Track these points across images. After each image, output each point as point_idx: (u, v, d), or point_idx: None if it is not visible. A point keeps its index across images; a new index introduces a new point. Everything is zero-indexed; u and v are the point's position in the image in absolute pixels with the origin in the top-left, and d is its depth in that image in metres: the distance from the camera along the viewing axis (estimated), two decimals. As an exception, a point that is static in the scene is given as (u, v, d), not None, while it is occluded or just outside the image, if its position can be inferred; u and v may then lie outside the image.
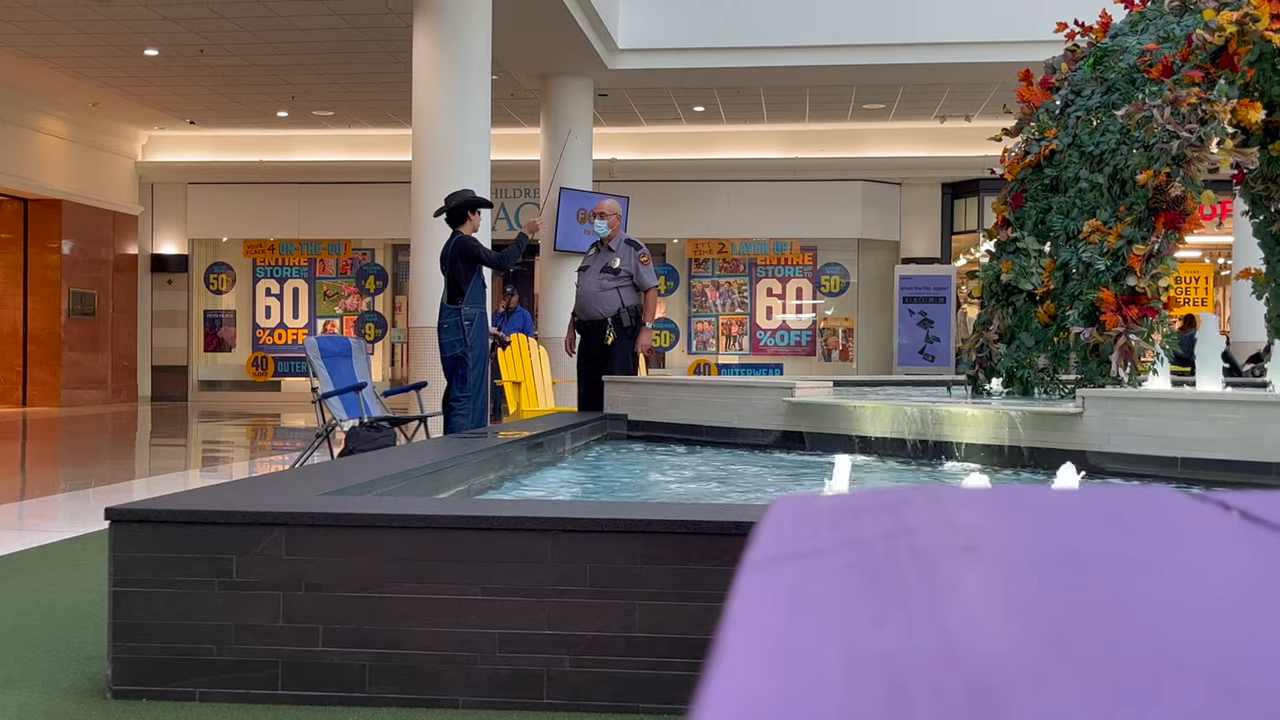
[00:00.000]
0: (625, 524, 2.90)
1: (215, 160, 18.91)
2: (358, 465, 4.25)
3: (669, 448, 6.79)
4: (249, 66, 14.60)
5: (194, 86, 15.62)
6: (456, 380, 7.82)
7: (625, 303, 7.84)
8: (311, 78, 15.16)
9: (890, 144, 17.97)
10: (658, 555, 2.88)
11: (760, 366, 18.75)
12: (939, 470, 5.42)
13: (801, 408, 6.30)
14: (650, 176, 18.14)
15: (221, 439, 12.60)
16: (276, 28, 13.00)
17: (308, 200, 19.06)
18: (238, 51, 13.94)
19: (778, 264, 19.00)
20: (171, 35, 13.30)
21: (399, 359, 19.81)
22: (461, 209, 7.94)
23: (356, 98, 16.16)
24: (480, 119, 9.81)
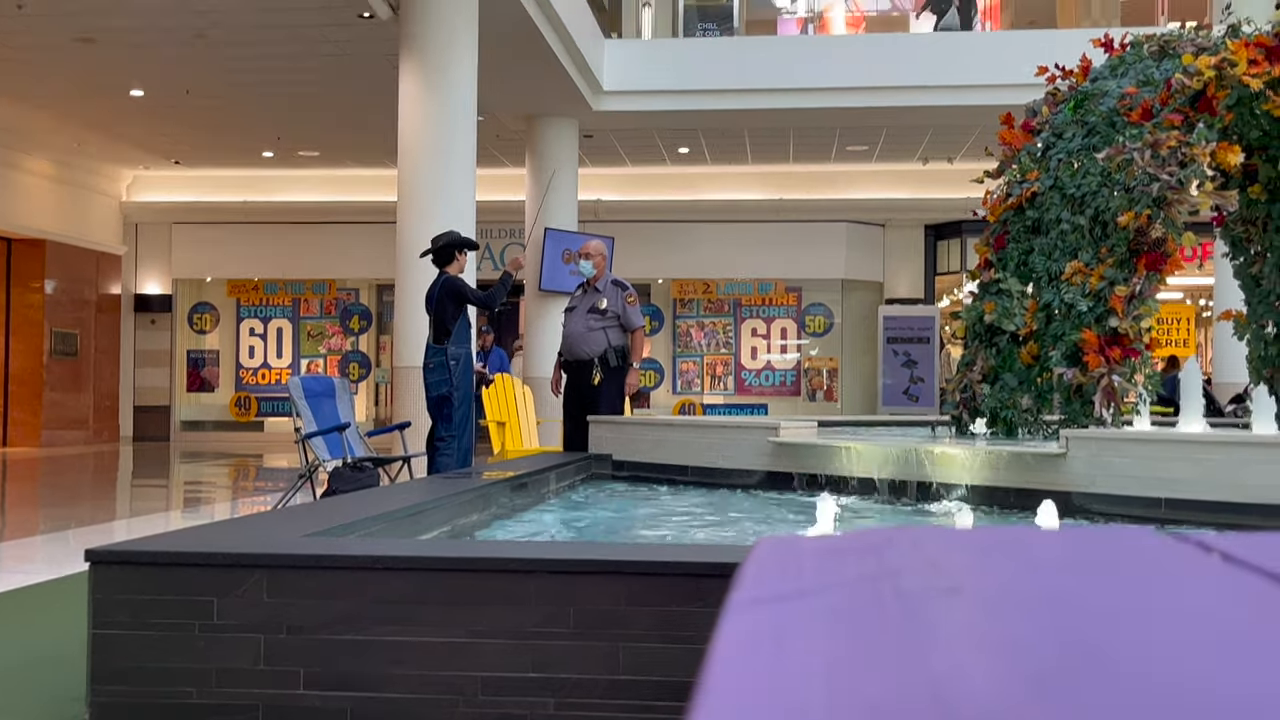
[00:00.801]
0: (609, 565, 2.90)
1: (200, 200, 18.92)
2: (341, 506, 4.22)
3: (654, 488, 6.77)
4: (234, 107, 14.64)
5: (179, 126, 15.66)
6: (441, 420, 7.80)
7: (612, 343, 7.85)
8: (297, 118, 15.21)
9: (874, 185, 18.09)
10: (642, 597, 2.87)
11: (745, 407, 18.76)
12: (923, 511, 5.42)
13: (786, 448, 6.30)
14: (635, 217, 18.22)
15: (204, 480, 12.53)
16: (262, 68, 13.05)
17: (292, 240, 19.06)
18: (223, 92, 13.98)
19: (762, 304, 19.06)
20: (157, 76, 13.34)
21: (383, 399, 19.76)
22: (448, 249, 7.96)
23: (342, 138, 16.21)
24: (465, 159, 9.85)
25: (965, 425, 6.96)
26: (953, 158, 16.96)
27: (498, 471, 6.01)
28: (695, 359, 19.19)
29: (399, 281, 9.90)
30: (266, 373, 19.65)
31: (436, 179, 9.73)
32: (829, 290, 18.98)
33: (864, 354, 18.83)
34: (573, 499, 6.34)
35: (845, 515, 5.26)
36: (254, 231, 19.06)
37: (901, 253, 18.77)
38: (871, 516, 5.39)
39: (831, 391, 19.00)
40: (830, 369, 19.06)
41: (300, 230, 19.03)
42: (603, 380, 7.80)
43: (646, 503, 6.21)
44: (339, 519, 3.73)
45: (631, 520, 5.62)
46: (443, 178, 9.73)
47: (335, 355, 19.64)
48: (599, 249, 8.14)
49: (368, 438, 8.99)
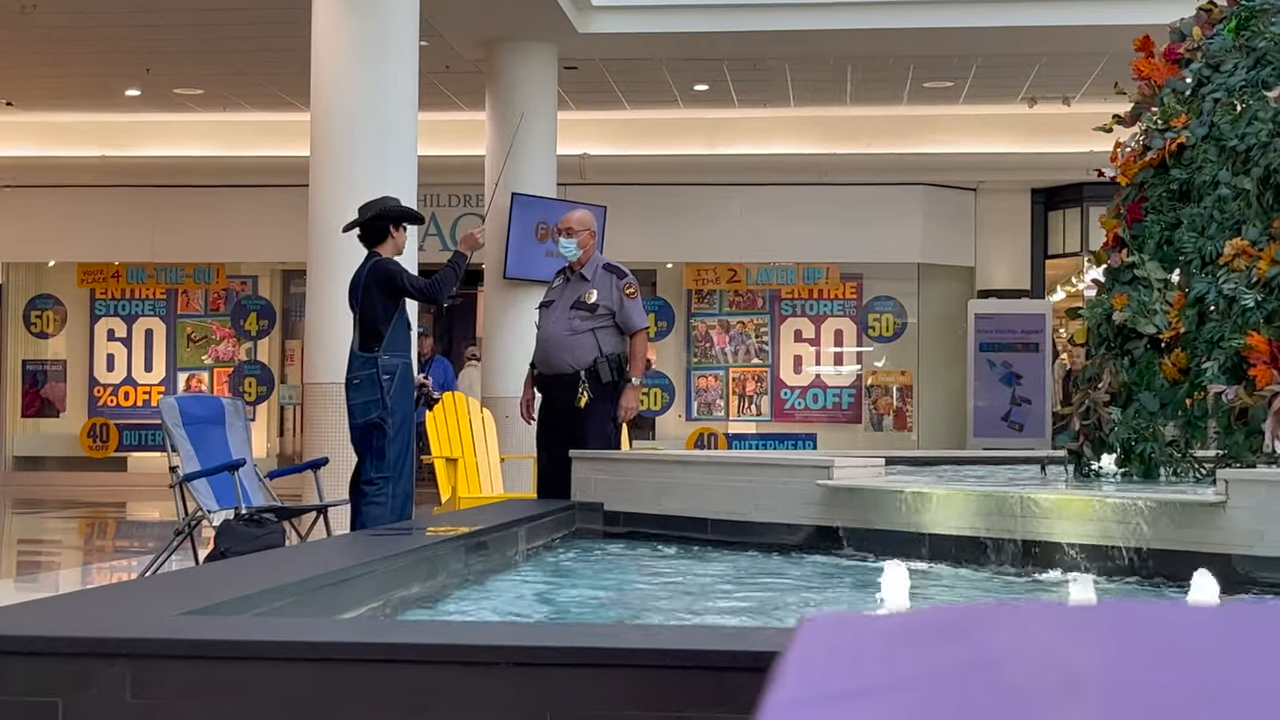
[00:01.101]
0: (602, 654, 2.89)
1: (40, 155, 18.93)
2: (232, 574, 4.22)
3: (660, 549, 6.77)
4: (88, 28, 14.66)
5: (13, 55, 15.68)
6: (371, 456, 7.80)
7: (604, 350, 7.85)
8: (174, 44, 15.23)
9: (961, 136, 18.11)
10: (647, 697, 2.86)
11: (786, 438, 18.77)
12: (1030, 580, 5.41)
13: (842, 494, 6.29)
14: (636, 178, 18.23)
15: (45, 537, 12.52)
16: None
17: (166, 210, 19.08)
18: (74, 7, 14.01)
19: (809, 298, 19.09)
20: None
21: (290, 427, 19.76)
22: (380, 223, 7.96)
23: (234, 71, 16.23)
24: (404, 101, 9.86)
25: (1087, 463, 6.95)
26: (1070, 97, 16.95)
27: (447, 526, 6.01)
28: (717, 372, 19.21)
29: (312, 266, 9.89)
30: (131, 391, 19.66)
31: (363, 127, 9.74)
32: (900, 278, 18.99)
33: (948, 366, 18.83)
34: (549, 564, 6.34)
35: (922, 586, 5.25)
36: (114, 198, 19.09)
37: (999, 227, 18.79)
38: (958, 588, 5.39)
39: (904, 417, 19.00)
40: (902, 386, 19.06)
41: (177, 197, 19.05)
42: (591, 402, 7.80)
43: (650, 570, 6.20)
44: (229, 591, 3.73)
45: (629, 594, 5.61)
46: (372, 125, 9.74)
47: (225, 367, 19.66)
48: (585, 222, 8.15)
49: (269, 480, 8.98)
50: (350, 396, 7.87)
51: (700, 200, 18.54)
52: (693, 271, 19.15)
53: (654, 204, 18.37)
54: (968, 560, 5.75)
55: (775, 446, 18.49)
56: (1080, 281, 18.49)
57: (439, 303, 8.24)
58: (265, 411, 19.67)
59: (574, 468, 7.55)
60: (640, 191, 18.27)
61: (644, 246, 18.09)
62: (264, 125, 18.48)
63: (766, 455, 8.52)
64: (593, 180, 17.98)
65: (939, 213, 18.61)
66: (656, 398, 18.98)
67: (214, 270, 19.64)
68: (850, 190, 18.41)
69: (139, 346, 19.75)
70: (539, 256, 13.87)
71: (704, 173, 18.38)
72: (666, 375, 19.11)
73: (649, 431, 19.20)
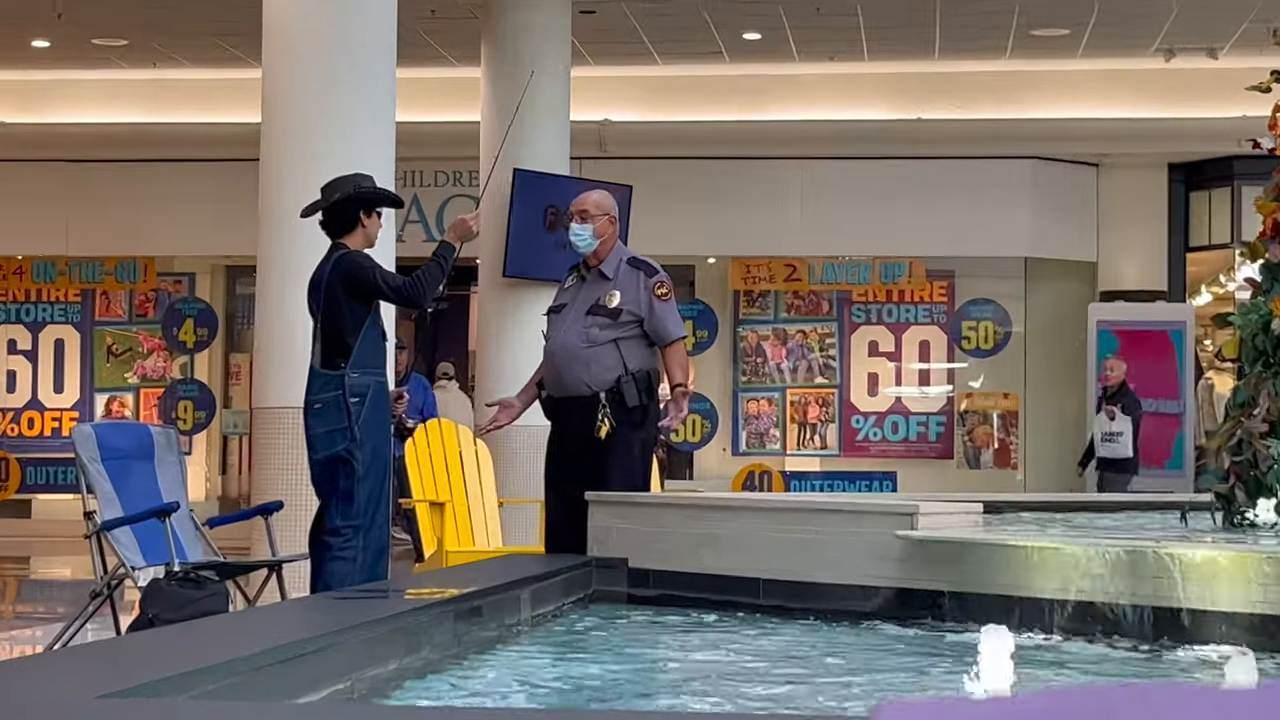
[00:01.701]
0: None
1: (-75, 122, 19.02)
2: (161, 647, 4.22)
3: (699, 617, 6.75)
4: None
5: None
6: (336, 499, 7.79)
7: (629, 366, 7.83)
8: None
9: (1079, 98, 18.06)
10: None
11: (858, 477, 18.72)
12: (1167, 657, 5.38)
13: (929, 549, 6.27)
14: (669, 151, 18.22)
15: (-73, 600, 12.54)
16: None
17: (82, 191, 19.11)
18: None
19: (887, 300, 19.05)
20: None
21: (235, 462, 19.77)
22: (348, 207, 7.96)
23: (167, 18, 16.28)
24: (379, 53, 9.86)
25: (1239, 509, 6.91)
26: (1217, 49, 16.91)
27: (432, 588, 6.00)
28: (771, 395, 19.17)
29: (263, 261, 9.90)
30: (36, 417, 19.71)
31: (329, 86, 9.74)
32: (1003, 276, 18.93)
33: (1063, 386, 18.76)
34: (560, 636, 6.32)
35: (1030, 663, 5.22)
36: (16, 176, 19.14)
37: (1127, 212, 18.72)
38: (1075, 666, 5.36)
39: (1007, 451, 18.93)
40: (1004, 412, 18.98)
41: (95, 174, 19.10)
42: (613, 431, 7.78)
43: (686, 643, 6.18)
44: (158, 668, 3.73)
45: (659, 674, 5.59)
46: (340, 84, 9.75)
47: (154, 387, 19.69)
48: (604, 205, 8.12)
49: (209, 529, 8.98)
50: (310, 424, 7.86)
51: (750, 179, 18.51)
52: (740, 268, 19.12)
53: (691, 183, 18.35)
54: (1089, 631, 5.71)
55: (844, 488, 18.45)
56: (1231, 281, 18.40)
57: (421, 307, 8.23)
58: (204, 443, 19.69)
59: (591, 514, 7.53)
60: (674, 168, 18.25)
61: (679, 236, 18.05)
62: (204, 84, 18.52)
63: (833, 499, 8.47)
64: (615, 153, 17.97)
65: (1051, 194, 18.55)
66: (695, 427, 18.96)
67: (141, 266, 19.66)
68: (939, 166, 18.36)
69: (46, 361, 19.78)
70: (547, 249, 13.88)
71: (755, 144, 18.35)
72: (707, 399, 19.07)
73: (686, 469, 19.19)
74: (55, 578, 15.02)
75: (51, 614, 11.26)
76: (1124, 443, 16.13)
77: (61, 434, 19.08)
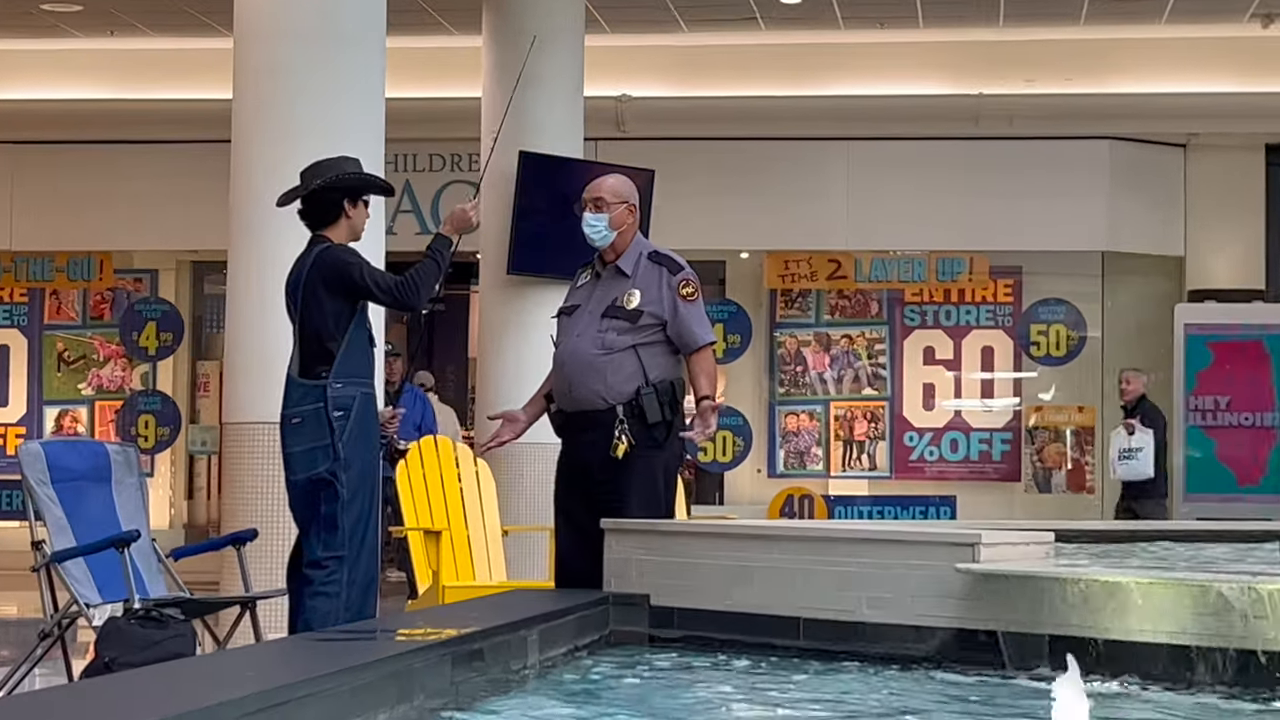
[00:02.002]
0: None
1: None
2: (119, 694, 4.21)
3: (730, 660, 6.74)
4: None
5: None
6: (317, 527, 7.80)
7: (650, 376, 7.83)
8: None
9: (1164, 70, 18.04)
10: None
11: (912, 502, 18.72)
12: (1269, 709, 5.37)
13: (994, 584, 6.26)
14: (696, 130, 18.24)
15: None
16: None
17: (29, 177, 19.19)
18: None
19: (945, 301, 19.03)
20: None
21: (203, 485, 19.80)
22: (330, 195, 7.97)
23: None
24: (367, 20, 9.88)
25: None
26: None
27: (426, 628, 5.99)
28: (813, 408, 19.17)
29: (235, 256, 9.93)
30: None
31: (310, 57, 9.77)
32: (1077, 273, 18.91)
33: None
34: (572, 683, 6.31)
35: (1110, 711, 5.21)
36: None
37: (1219, 200, 18.68)
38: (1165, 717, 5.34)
39: (1081, 473, 18.91)
40: (1079, 428, 18.97)
41: (45, 158, 19.16)
42: (633, 451, 7.78)
43: (715, 692, 6.17)
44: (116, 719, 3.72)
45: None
46: (322, 55, 9.77)
47: (112, 400, 19.73)
48: (621, 192, 8.11)
49: (173, 560, 8.99)
50: (288, 442, 7.87)
51: (788, 162, 18.53)
52: (777, 264, 19.13)
53: (722, 167, 18.38)
54: (1176, 678, 5.70)
55: (897, 515, 18.46)
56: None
57: (414, 309, 8.23)
58: (168, 463, 19.74)
59: (608, 544, 7.53)
60: (702, 150, 18.28)
61: (707, 228, 18.10)
62: (168, 55, 18.57)
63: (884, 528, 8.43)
64: (635, 134, 18.00)
65: (1132, 179, 18.54)
66: (727, 445, 18.96)
67: (96, 262, 19.71)
68: (1003, 148, 18.37)
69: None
70: (557, 241, 13.91)
71: (794, 123, 18.37)
72: (740, 413, 19.08)
73: (715, 493, 19.19)
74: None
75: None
76: (1145, 459, 16.08)
77: (6, 453, 19.15)
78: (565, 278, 9.25)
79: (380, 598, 8.24)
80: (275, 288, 8.65)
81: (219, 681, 4.47)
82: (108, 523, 8.41)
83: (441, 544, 9.82)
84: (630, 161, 14.83)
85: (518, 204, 14.21)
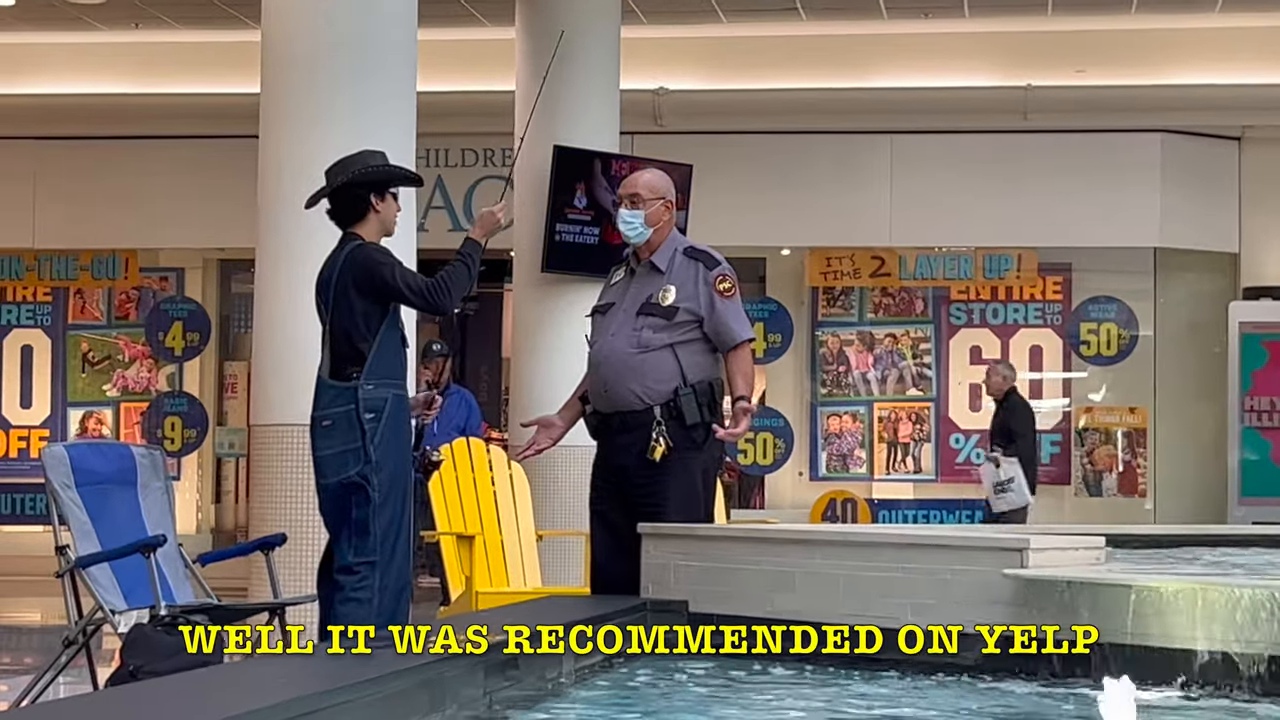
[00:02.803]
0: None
1: None
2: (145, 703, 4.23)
3: (769, 670, 6.74)
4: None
5: None
6: (349, 532, 7.81)
7: (687, 376, 7.82)
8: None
9: (1218, 61, 17.98)
10: None
11: (958, 506, 18.67)
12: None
13: (1042, 590, 6.25)
14: (735, 124, 18.22)
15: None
16: None
17: (53, 173, 19.22)
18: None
19: (992, 299, 18.99)
20: None
21: (231, 489, 19.83)
22: (356, 190, 7.98)
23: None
24: (397, 14, 9.89)
25: None
26: (1379, 2, 16.82)
27: (460, 636, 6.00)
28: (856, 409, 19.14)
29: (263, 255, 9.94)
30: (1, 437, 19.78)
31: (339, 50, 9.78)
32: (1128, 270, 18.86)
33: (1200, 399, 18.69)
34: (608, 692, 6.32)
35: None
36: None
37: (1276, 195, 18.59)
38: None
39: (1133, 475, 18.85)
40: (1131, 430, 18.90)
41: (69, 154, 19.19)
42: (670, 453, 7.77)
43: (755, 701, 6.17)
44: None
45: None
46: (352, 48, 9.78)
47: (137, 401, 19.75)
48: (658, 187, 8.11)
49: (200, 566, 9.00)
50: (318, 444, 7.87)
51: (830, 157, 18.50)
52: (819, 260, 19.10)
53: (761, 161, 18.35)
54: (1231, 687, 5.68)
55: (943, 519, 18.42)
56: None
57: (445, 313, 8.26)
58: (194, 466, 19.76)
59: (645, 549, 7.54)
60: (742, 144, 18.26)
61: (746, 224, 18.07)
62: (194, 49, 18.59)
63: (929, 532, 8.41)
64: (672, 128, 17.98)
65: (1185, 173, 18.46)
66: (767, 447, 18.94)
67: (121, 260, 19.73)
68: (1053, 141, 18.32)
69: (12, 372, 19.87)
70: (590, 239, 13.92)
71: (836, 116, 18.34)
72: (781, 414, 19.06)
73: (756, 497, 19.17)
74: (22, 623, 15.10)
75: (17, 665, 11.33)
76: (1020, 486, 15.94)
77: (29, 456, 19.17)
78: (600, 276, 9.26)
79: (412, 604, 8.25)
80: (304, 286, 8.68)
81: (248, 690, 4.48)
82: (133, 527, 8.41)
83: (475, 549, 9.83)
84: (667, 156, 14.87)
85: (550, 198, 14.20)
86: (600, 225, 14.38)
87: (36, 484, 14.37)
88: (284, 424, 9.49)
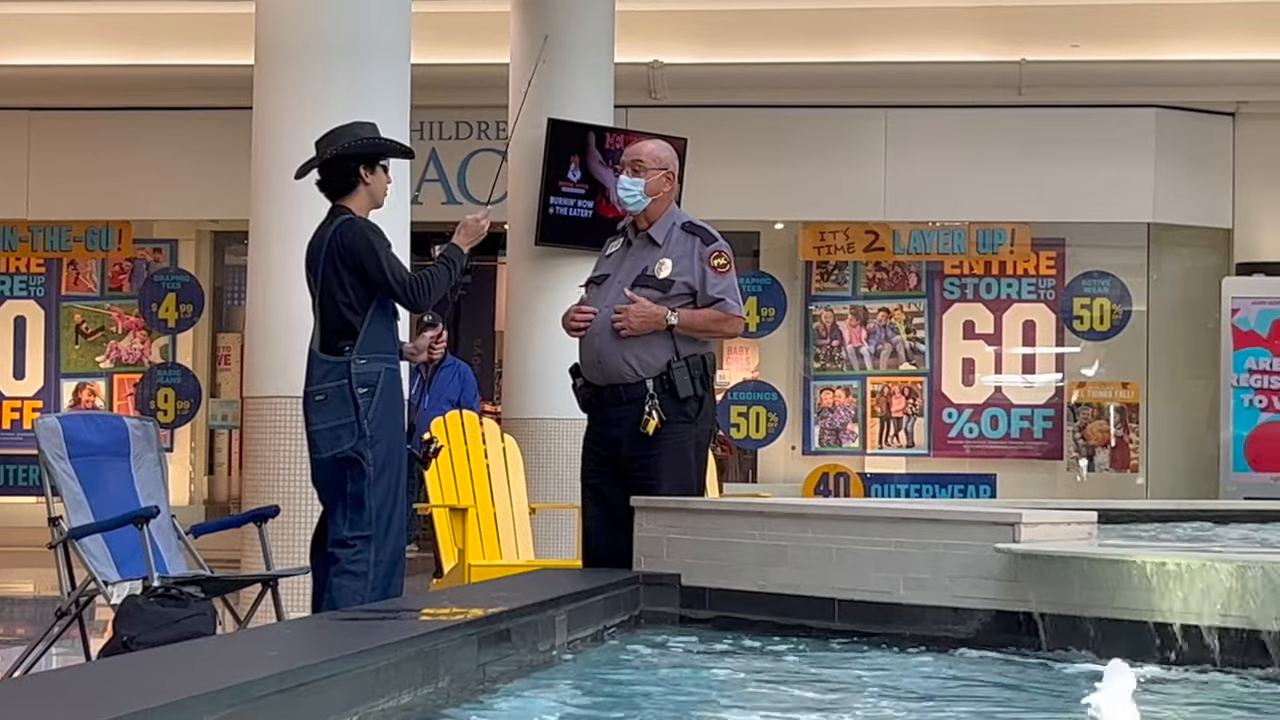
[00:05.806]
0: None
1: None
2: (138, 674, 4.23)
3: (764, 644, 6.75)
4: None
5: None
6: (343, 505, 7.81)
7: (682, 349, 7.83)
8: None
9: (1212, 36, 17.95)
10: None
11: (950, 480, 18.67)
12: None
13: (1035, 565, 6.26)
14: (730, 98, 18.19)
15: None
16: None
17: (45, 144, 19.17)
18: None
19: (986, 274, 18.97)
20: None
21: (223, 460, 19.82)
22: (345, 163, 7.96)
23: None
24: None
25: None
26: (1374, -22, 16.81)
27: (452, 608, 6.00)
28: (849, 384, 19.12)
29: (256, 227, 9.93)
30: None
31: (332, 23, 9.76)
32: (1122, 245, 18.83)
33: (1193, 375, 18.70)
34: (600, 665, 6.33)
35: (1157, 699, 5.21)
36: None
37: (1270, 170, 18.58)
38: (1209, 704, 5.34)
39: (1125, 451, 18.84)
40: (1123, 405, 18.90)
41: (61, 125, 19.15)
42: (664, 426, 7.78)
43: (748, 674, 6.18)
44: (135, 700, 3.74)
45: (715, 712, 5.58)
46: (345, 21, 9.76)
47: (130, 373, 19.72)
48: (661, 158, 8.10)
49: (193, 538, 9.00)
50: (312, 419, 7.87)
51: (825, 131, 18.47)
52: (813, 235, 19.07)
53: (756, 136, 18.33)
54: (1225, 662, 5.69)
55: (935, 493, 18.42)
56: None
57: (420, 311, 8.28)
58: (188, 438, 19.74)
59: (637, 523, 7.54)
60: (737, 118, 18.23)
61: (741, 198, 18.05)
62: (188, 19, 18.54)
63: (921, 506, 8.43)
64: (667, 101, 17.96)
65: (1179, 149, 18.44)
66: (760, 421, 18.92)
67: (114, 232, 19.68)
68: (1047, 116, 18.29)
69: (5, 342, 19.83)
70: (584, 211, 13.90)
71: (831, 90, 18.32)
72: (774, 388, 19.03)
73: (749, 471, 19.16)
74: (14, 594, 15.09)
75: (10, 636, 11.33)
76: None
77: (22, 427, 19.17)
78: (594, 249, 9.27)
79: (405, 577, 8.26)
80: (297, 259, 8.67)
81: (240, 661, 4.48)
82: (126, 499, 8.42)
83: (467, 522, 9.82)
84: (662, 130, 14.78)
85: (545, 171, 14.18)
86: (594, 198, 14.39)
87: (29, 455, 14.40)
88: (277, 396, 9.49)
